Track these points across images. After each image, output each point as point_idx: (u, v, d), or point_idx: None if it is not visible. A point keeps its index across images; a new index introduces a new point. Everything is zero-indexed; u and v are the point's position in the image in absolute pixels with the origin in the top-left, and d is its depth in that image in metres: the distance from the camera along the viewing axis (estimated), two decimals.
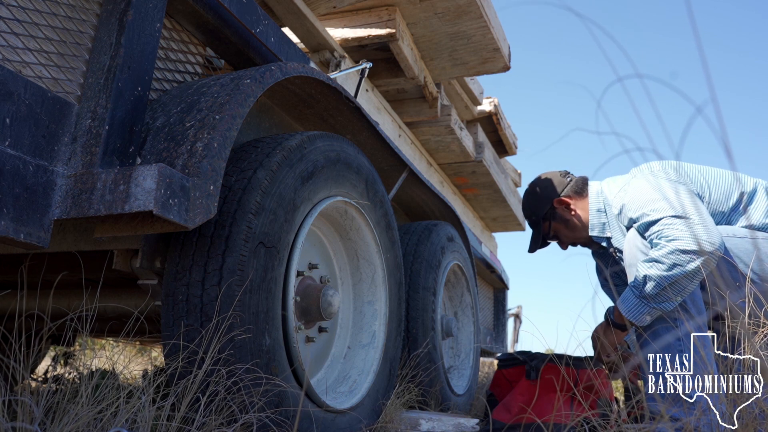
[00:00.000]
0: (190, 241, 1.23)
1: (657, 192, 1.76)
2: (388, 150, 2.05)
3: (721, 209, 1.85)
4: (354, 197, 1.67)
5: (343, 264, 1.80)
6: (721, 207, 1.85)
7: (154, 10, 1.23)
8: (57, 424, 0.96)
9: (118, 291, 1.75)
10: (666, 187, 1.79)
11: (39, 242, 1.00)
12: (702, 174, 1.89)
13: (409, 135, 3.20)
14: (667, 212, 1.70)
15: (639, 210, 1.79)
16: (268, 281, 1.26)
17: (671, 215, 1.69)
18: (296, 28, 2.20)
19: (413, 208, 2.71)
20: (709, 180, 1.87)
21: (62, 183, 1.06)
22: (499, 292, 4.62)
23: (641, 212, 1.78)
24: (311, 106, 1.74)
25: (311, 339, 1.58)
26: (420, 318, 2.19)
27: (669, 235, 1.66)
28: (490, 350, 4.27)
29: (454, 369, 2.71)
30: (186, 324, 1.19)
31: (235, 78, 1.30)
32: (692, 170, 1.91)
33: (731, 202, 1.85)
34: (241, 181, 1.28)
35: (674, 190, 1.77)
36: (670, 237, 1.66)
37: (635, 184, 1.87)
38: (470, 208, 4.46)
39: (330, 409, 1.44)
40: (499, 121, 4.01)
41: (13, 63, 1.03)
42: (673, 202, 1.71)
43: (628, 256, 1.81)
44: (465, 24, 2.64)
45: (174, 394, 1.11)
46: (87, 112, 1.12)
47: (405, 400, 1.91)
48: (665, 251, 1.65)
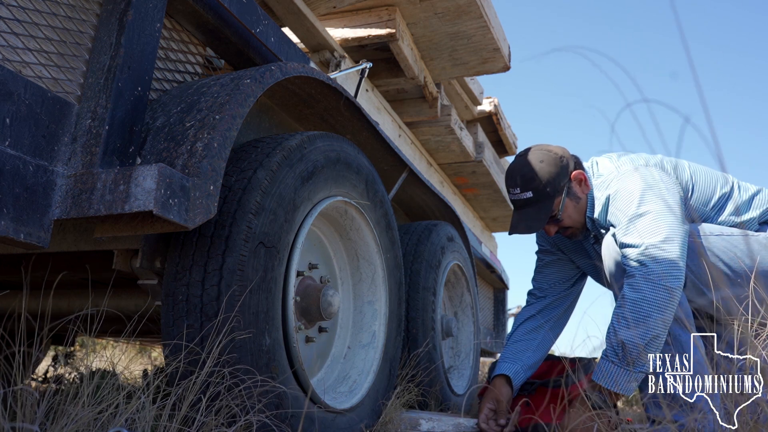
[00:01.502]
0: (190, 241, 1.23)
1: (638, 203, 1.71)
2: (388, 150, 2.05)
3: (702, 208, 1.83)
4: (354, 197, 1.67)
5: (343, 264, 1.80)
6: (703, 206, 1.83)
7: (154, 10, 1.23)
8: (57, 425, 0.96)
9: (118, 291, 1.75)
10: (648, 196, 1.71)
11: (39, 242, 1.00)
12: (690, 172, 1.85)
13: (409, 135, 3.20)
14: (643, 237, 1.65)
15: (617, 219, 1.76)
16: (268, 281, 1.26)
17: (646, 246, 1.63)
18: (296, 28, 2.20)
19: (413, 208, 2.71)
20: (696, 179, 1.84)
21: (62, 183, 1.06)
22: (499, 292, 4.62)
23: (619, 223, 1.74)
24: (311, 106, 1.74)
25: (311, 339, 1.58)
26: (420, 318, 2.19)
27: (642, 276, 1.61)
28: (490, 350, 4.27)
29: (454, 369, 2.71)
30: (186, 324, 1.19)
31: (235, 78, 1.30)
32: (680, 167, 1.87)
33: (713, 201, 1.83)
34: (241, 181, 1.28)
35: (656, 200, 1.70)
36: (641, 287, 1.60)
37: (618, 185, 1.80)
38: (470, 208, 4.46)
39: (330, 409, 1.44)
40: (499, 121, 4.01)
41: (13, 63, 1.03)
42: (650, 223, 1.66)
43: (607, 259, 1.80)
44: (465, 24, 2.64)
45: (174, 394, 1.11)
46: (87, 112, 1.12)
47: (405, 400, 1.91)
48: (638, 296, 1.60)
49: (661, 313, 1.56)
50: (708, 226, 1.77)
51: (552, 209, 1.88)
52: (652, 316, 1.56)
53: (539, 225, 1.88)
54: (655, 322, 1.56)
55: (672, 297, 1.57)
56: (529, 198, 1.88)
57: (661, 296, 1.57)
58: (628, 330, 1.58)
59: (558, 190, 1.87)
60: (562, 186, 1.88)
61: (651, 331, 1.56)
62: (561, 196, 1.88)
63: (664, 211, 1.67)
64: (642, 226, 1.67)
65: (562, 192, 1.88)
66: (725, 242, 1.71)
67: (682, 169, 1.87)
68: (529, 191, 1.88)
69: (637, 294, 1.59)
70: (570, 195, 1.89)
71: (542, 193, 1.87)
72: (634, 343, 1.57)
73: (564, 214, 1.91)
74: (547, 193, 1.86)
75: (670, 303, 1.57)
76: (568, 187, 1.89)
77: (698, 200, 1.83)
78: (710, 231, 1.75)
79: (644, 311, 1.57)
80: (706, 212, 1.84)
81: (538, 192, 1.87)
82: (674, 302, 1.58)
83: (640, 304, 1.58)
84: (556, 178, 1.87)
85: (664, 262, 1.59)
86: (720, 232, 1.74)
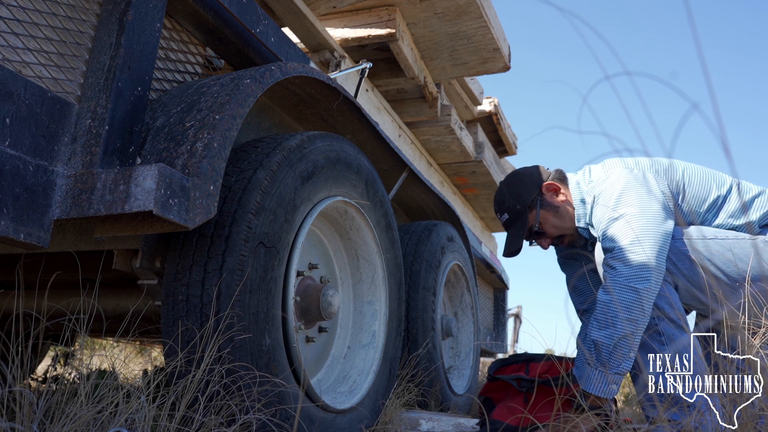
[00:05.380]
0: (190, 241, 1.23)
1: (614, 206, 1.73)
2: (388, 150, 2.05)
3: (696, 209, 1.83)
4: (354, 197, 1.67)
5: (343, 264, 1.80)
6: (697, 207, 1.82)
7: (154, 10, 1.23)
8: (56, 424, 0.96)
9: (117, 291, 1.75)
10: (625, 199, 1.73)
11: (39, 242, 1.00)
12: (683, 173, 1.84)
13: (409, 135, 3.20)
14: (615, 240, 1.66)
15: (598, 222, 1.78)
16: (268, 281, 1.26)
17: (617, 249, 1.65)
18: (296, 28, 2.20)
19: (413, 208, 2.71)
20: (689, 179, 1.83)
21: (62, 183, 1.06)
22: (499, 292, 4.62)
23: (599, 226, 1.76)
24: (311, 106, 1.74)
25: (311, 339, 1.58)
26: (420, 318, 2.19)
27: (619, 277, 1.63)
28: (490, 350, 4.27)
29: (454, 369, 2.71)
30: (186, 324, 1.19)
31: (235, 78, 1.30)
32: (672, 168, 1.86)
33: (707, 203, 1.82)
34: (241, 181, 1.28)
35: (632, 202, 1.71)
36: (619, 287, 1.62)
37: (601, 188, 1.83)
38: (470, 208, 4.46)
39: (330, 409, 1.44)
40: (499, 121, 4.01)
41: (13, 63, 1.03)
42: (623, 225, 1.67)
43: (599, 263, 1.82)
44: (465, 24, 2.64)
45: (173, 393, 1.11)
46: (87, 112, 1.12)
47: (405, 400, 1.91)
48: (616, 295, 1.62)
49: (628, 312, 1.59)
50: (703, 229, 1.76)
51: (528, 223, 1.96)
52: (618, 317, 1.59)
53: (519, 241, 1.97)
54: (622, 323, 1.59)
55: (639, 297, 1.59)
56: (507, 219, 2.01)
57: (627, 297, 1.60)
58: (598, 330, 1.63)
59: (528, 204, 1.95)
60: (533, 200, 1.95)
61: (619, 332, 1.59)
62: (535, 210, 1.95)
63: (638, 213, 1.69)
64: (616, 229, 1.70)
65: (534, 206, 1.96)
66: (719, 245, 1.70)
67: (674, 169, 1.86)
68: (505, 213, 2.01)
69: (607, 296, 1.64)
70: (545, 206, 1.96)
71: (514, 212, 1.98)
72: (603, 343, 1.61)
73: (545, 225, 1.97)
74: (518, 210, 1.97)
75: (636, 303, 1.59)
76: (540, 199, 1.96)
77: (691, 201, 1.82)
78: (705, 233, 1.74)
79: (611, 312, 1.61)
80: (701, 213, 1.83)
81: (510, 212, 1.99)
82: (642, 302, 1.60)
83: (608, 305, 1.62)
84: (523, 194, 1.96)
85: (631, 264, 1.62)
86: (714, 235, 1.73)
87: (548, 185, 1.96)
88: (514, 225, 1.99)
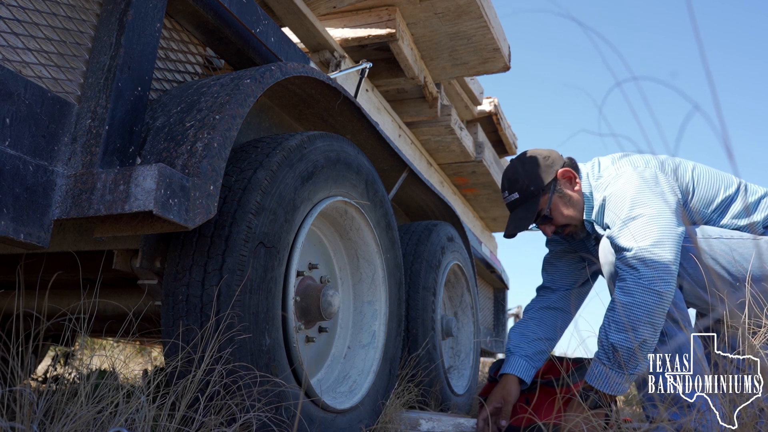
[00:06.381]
0: (190, 241, 1.23)
1: (630, 205, 1.70)
2: (388, 150, 2.05)
3: (703, 210, 1.82)
4: (354, 197, 1.67)
5: (343, 264, 1.80)
6: (704, 208, 1.81)
7: (154, 10, 1.23)
8: (56, 424, 0.96)
9: (117, 291, 1.75)
10: (642, 199, 1.70)
11: (39, 242, 1.00)
12: (692, 173, 1.84)
13: (409, 135, 3.20)
14: (635, 240, 1.63)
15: (612, 221, 1.75)
16: (268, 281, 1.26)
17: (638, 250, 1.62)
18: (296, 28, 2.20)
19: (413, 208, 2.71)
20: (698, 180, 1.82)
21: (62, 183, 1.06)
22: (499, 292, 4.62)
23: (614, 225, 1.73)
24: (311, 106, 1.74)
25: (311, 339, 1.58)
26: (420, 318, 2.19)
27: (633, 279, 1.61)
28: (490, 350, 4.27)
29: (454, 369, 2.71)
30: (186, 324, 1.19)
31: (235, 78, 1.30)
32: (681, 168, 1.85)
33: (714, 204, 1.81)
34: (241, 181, 1.28)
35: (649, 203, 1.69)
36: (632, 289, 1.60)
37: (614, 187, 1.80)
38: (470, 208, 4.46)
39: (330, 409, 1.44)
40: (499, 121, 4.01)
41: (13, 63, 1.03)
42: (643, 226, 1.65)
43: (603, 261, 1.80)
44: (465, 24, 2.65)
45: (173, 393, 1.11)
46: (87, 112, 1.12)
47: (405, 400, 1.91)
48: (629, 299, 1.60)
49: (651, 317, 1.56)
50: (708, 229, 1.76)
51: (539, 207, 1.91)
52: (642, 320, 1.57)
53: (527, 223, 1.91)
54: (644, 326, 1.57)
55: (662, 301, 1.58)
56: (516, 199, 1.94)
57: (649, 300, 1.58)
58: (618, 333, 1.59)
59: (543, 188, 1.90)
60: (548, 184, 1.90)
61: (640, 335, 1.56)
62: (548, 194, 1.91)
63: (656, 214, 1.67)
64: (634, 229, 1.66)
65: (548, 190, 1.91)
66: (724, 245, 1.70)
67: (683, 170, 1.85)
68: (515, 192, 1.94)
69: (628, 298, 1.60)
70: (558, 193, 1.91)
71: (527, 193, 1.91)
72: (625, 346, 1.58)
73: (555, 212, 1.93)
74: (532, 192, 1.91)
75: (659, 307, 1.57)
76: (554, 185, 1.91)
77: (699, 202, 1.82)
78: (709, 233, 1.74)
79: (634, 315, 1.58)
80: (707, 214, 1.83)
81: (522, 192, 1.92)
82: (664, 306, 1.58)
83: (631, 308, 1.59)
84: (540, 176, 1.90)
85: (656, 266, 1.59)
86: (719, 234, 1.73)
87: (565, 172, 1.92)
88: (523, 206, 1.94)
